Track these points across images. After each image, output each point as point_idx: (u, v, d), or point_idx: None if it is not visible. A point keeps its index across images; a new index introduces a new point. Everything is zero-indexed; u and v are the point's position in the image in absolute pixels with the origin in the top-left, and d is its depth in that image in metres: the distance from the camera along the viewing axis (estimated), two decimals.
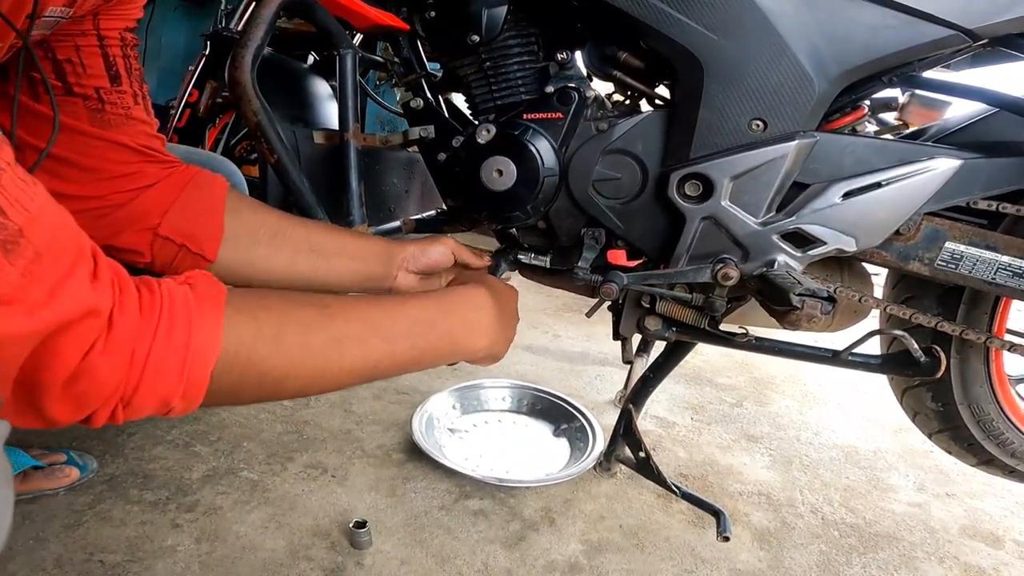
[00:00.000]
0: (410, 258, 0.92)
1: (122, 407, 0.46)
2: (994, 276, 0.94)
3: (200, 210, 0.77)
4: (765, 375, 2.11)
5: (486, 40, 0.98)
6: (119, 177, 0.73)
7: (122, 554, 1.05)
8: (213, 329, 0.49)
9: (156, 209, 0.75)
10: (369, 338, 0.62)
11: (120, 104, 0.73)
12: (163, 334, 0.46)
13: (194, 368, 0.48)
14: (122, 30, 0.72)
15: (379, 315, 0.64)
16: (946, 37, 0.81)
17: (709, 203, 0.90)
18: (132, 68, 0.73)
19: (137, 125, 0.75)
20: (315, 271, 0.85)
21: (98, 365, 0.43)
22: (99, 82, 0.71)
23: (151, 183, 0.76)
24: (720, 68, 0.86)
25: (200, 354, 0.48)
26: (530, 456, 1.47)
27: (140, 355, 0.45)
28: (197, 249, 0.77)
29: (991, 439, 1.16)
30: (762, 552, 1.23)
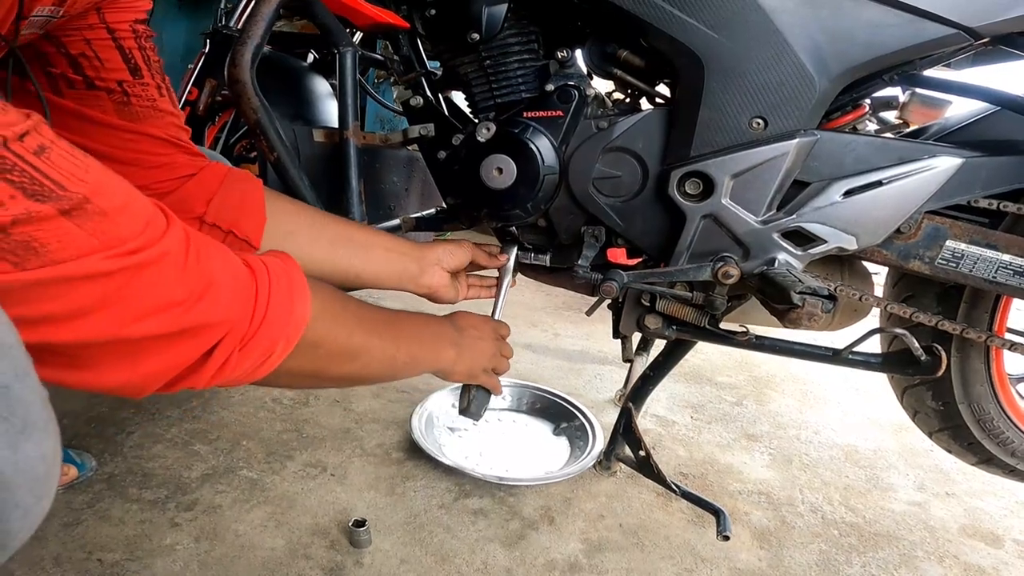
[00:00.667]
0: (443, 256, 0.97)
1: (239, 351, 0.51)
2: (995, 275, 0.94)
3: (242, 199, 0.80)
4: (765, 374, 2.11)
5: (486, 38, 0.98)
6: (156, 168, 0.75)
7: (121, 552, 1.05)
8: (305, 296, 0.57)
9: (200, 198, 0.77)
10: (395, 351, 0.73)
11: (145, 96, 0.73)
12: (276, 294, 0.53)
13: (295, 324, 0.55)
14: (132, 22, 0.72)
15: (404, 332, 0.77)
16: (947, 36, 0.81)
17: (709, 201, 0.90)
18: (151, 60, 0.74)
19: (165, 117, 0.76)
20: (353, 262, 0.88)
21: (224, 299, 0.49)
22: (120, 75, 0.71)
23: (190, 173, 0.78)
24: (721, 66, 0.86)
25: (300, 313, 0.56)
26: (530, 455, 1.47)
27: (259, 311, 0.51)
28: (243, 235, 0.79)
29: (991, 438, 1.16)
30: (762, 551, 1.23)
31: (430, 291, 0.97)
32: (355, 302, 0.69)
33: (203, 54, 1.33)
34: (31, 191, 0.38)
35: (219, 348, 0.49)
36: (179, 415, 1.44)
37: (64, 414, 1.40)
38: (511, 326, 1.03)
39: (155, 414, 1.43)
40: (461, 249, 0.99)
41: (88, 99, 0.69)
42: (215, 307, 0.48)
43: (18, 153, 0.38)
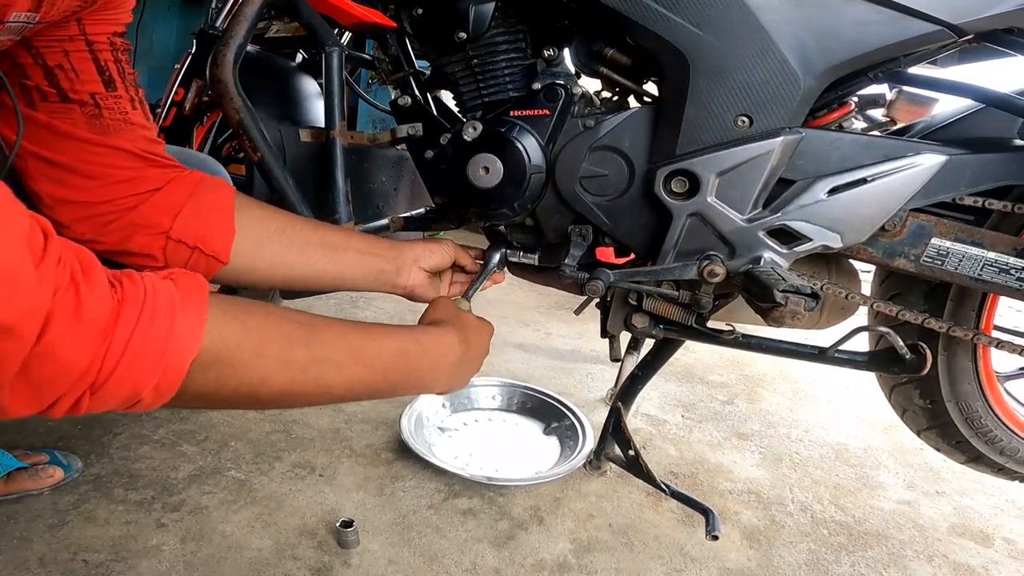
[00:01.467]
0: (421, 256, 0.94)
1: (89, 395, 0.45)
2: (980, 272, 0.94)
3: (210, 212, 0.77)
4: (756, 373, 2.11)
5: (473, 37, 0.98)
6: (122, 182, 0.73)
7: (106, 553, 1.05)
8: (196, 325, 0.49)
9: (166, 212, 0.75)
10: (349, 364, 0.63)
11: (117, 109, 0.72)
12: (146, 321, 0.46)
13: (172, 360, 0.47)
14: (110, 35, 0.71)
15: (363, 343, 0.66)
16: (932, 32, 0.81)
17: (695, 200, 0.90)
18: (125, 72, 0.73)
19: (136, 130, 0.74)
20: (327, 265, 0.86)
21: (60, 347, 0.42)
22: (94, 87, 0.70)
23: (156, 187, 0.76)
24: (706, 64, 0.85)
25: (180, 348, 0.47)
26: (520, 454, 1.47)
27: (120, 340, 0.44)
28: (210, 251, 0.77)
29: (979, 436, 1.16)
30: (751, 551, 1.23)
31: (407, 291, 0.95)
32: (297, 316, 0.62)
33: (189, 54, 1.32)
34: None
35: (62, 399, 0.44)
36: (167, 416, 1.44)
37: None
38: (503, 325, 1.03)
39: (142, 415, 1.43)
40: (442, 248, 0.97)
41: (60, 112, 0.69)
42: (66, 344, 0.42)
43: None
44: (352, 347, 0.65)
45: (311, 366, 0.59)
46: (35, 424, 1.36)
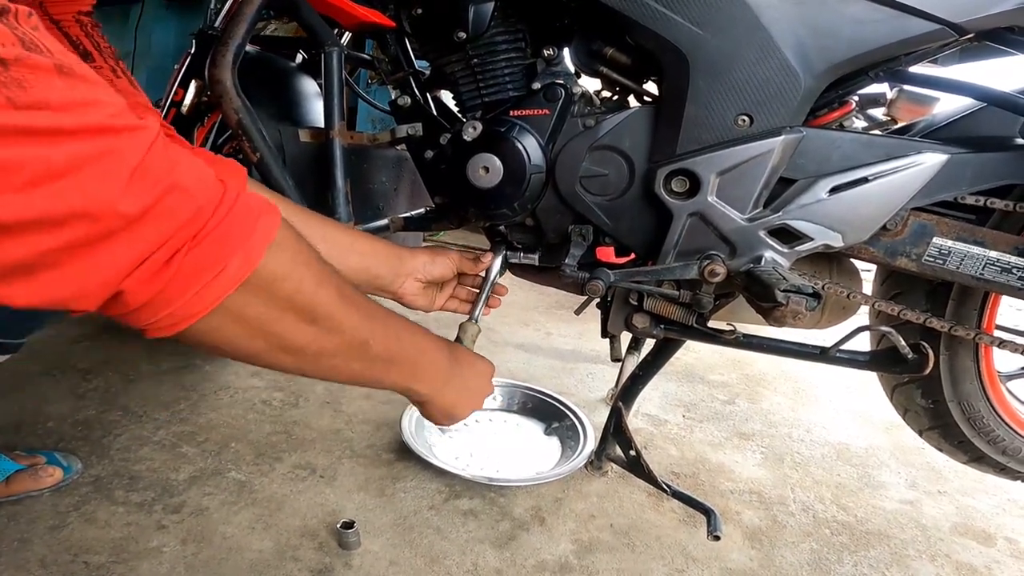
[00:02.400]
0: (420, 268, 0.95)
1: (186, 251, 0.45)
2: (982, 272, 0.94)
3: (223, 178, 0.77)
4: (757, 372, 2.11)
5: (473, 37, 0.97)
6: None
7: (107, 555, 1.04)
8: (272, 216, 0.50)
9: None
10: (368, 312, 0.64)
11: None
12: (243, 200, 0.48)
13: (255, 241, 0.48)
14: (75, 13, 0.71)
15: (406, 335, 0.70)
16: (932, 31, 0.81)
17: (696, 199, 0.90)
18: (101, 46, 0.73)
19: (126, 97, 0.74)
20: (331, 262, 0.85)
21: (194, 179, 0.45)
22: None
23: None
24: (706, 63, 0.85)
25: (263, 229, 0.49)
26: (521, 455, 1.47)
27: (228, 199, 0.46)
28: None
29: (981, 436, 1.15)
30: (753, 551, 1.22)
31: (397, 297, 0.95)
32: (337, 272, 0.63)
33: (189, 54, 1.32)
34: (28, 45, 0.37)
35: (178, 232, 0.44)
36: (167, 417, 1.44)
37: (50, 417, 1.39)
38: (504, 325, 1.03)
39: (142, 416, 1.43)
40: (444, 261, 0.97)
41: None
42: (182, 186, 0.44)
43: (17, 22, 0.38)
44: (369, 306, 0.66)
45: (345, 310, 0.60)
46: (34, 425, 1.35)
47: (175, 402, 1.50)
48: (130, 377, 1.59)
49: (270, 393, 1.59)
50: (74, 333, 1.78)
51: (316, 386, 1.65)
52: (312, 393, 1.62)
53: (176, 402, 1.50)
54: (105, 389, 1.52)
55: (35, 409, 1.40)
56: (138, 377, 1.60)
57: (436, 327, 0.85)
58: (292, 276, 0.53)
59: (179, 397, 1.52)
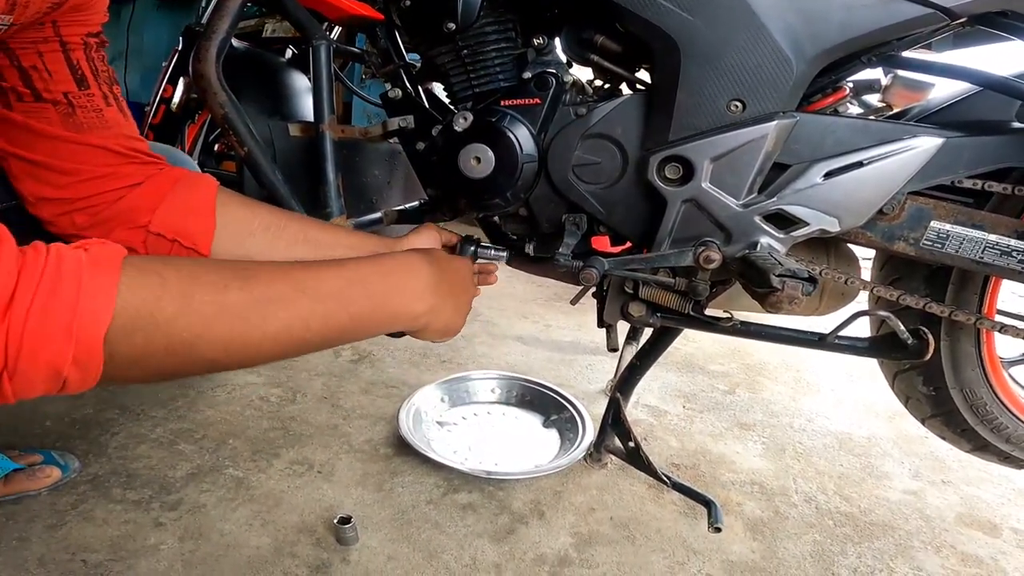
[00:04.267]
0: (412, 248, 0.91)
1: (8, 378, 0.42)
2: (982, 255, 0.93)
3: (190, 206, 0.77)
4: (757, 362, 2.10)
5: (462, 27, 0.97)
6: (99, 178, 0.73)
7: (105, 553, 1.04)
8: (106, 288, 0.45)
9: (146, 207, 0.75)
10: (296, 298, 0.58)
11: (91, 107, 0.72)
12: (44, 292, 0.43)
13: (84, 329, 0.44)
14: (84, 35, 0.72)
15: (306, 276, 0.60)
16: (923, 15, 0.79)
17: (690, 186, 0.89)
18: (99, 71, 0.73)
19: (111, 127, 0.75)
20: None
21: None
22: (67, 87, 0.70)
23: (135, 183, 0.76)
24: (697, 49, 0.84)
25: (90, 314, 0.44)
26: (520, 448, 1.46)
27: (18, 316, 0.41)
28: (190, 244, 0.77)
29: (985, 424, 1.14)
30: (755, 543, 1.21)
31: None
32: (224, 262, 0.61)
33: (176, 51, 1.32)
34: None
35: None
36: (164, 415, 1.43)
37: (47, 416, 1.39)
38: (502, 318, 1.02)
39: (140, 414, 1.43)
40: (427, 236, 0.95)
41: (35, 112, 0.69)
42: None
43: None
44: (297, 280, 0.59)
45: (252, 309, 0.54)
46: (31, 424, 1.35)
47: (172, 400, 1.49)
48: None
49: (267, 389, 1.59)
50: None
51: (314, 382, 1.65)
52: (310, 389, 1.61)
53: (173, 399, 1.50)
54: (102, 388, 1.52)
55: (32, 408, 1.40)
56: None
57: None
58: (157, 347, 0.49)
59: (176, 394, 1.52)
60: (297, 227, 0.84)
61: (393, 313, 0.68)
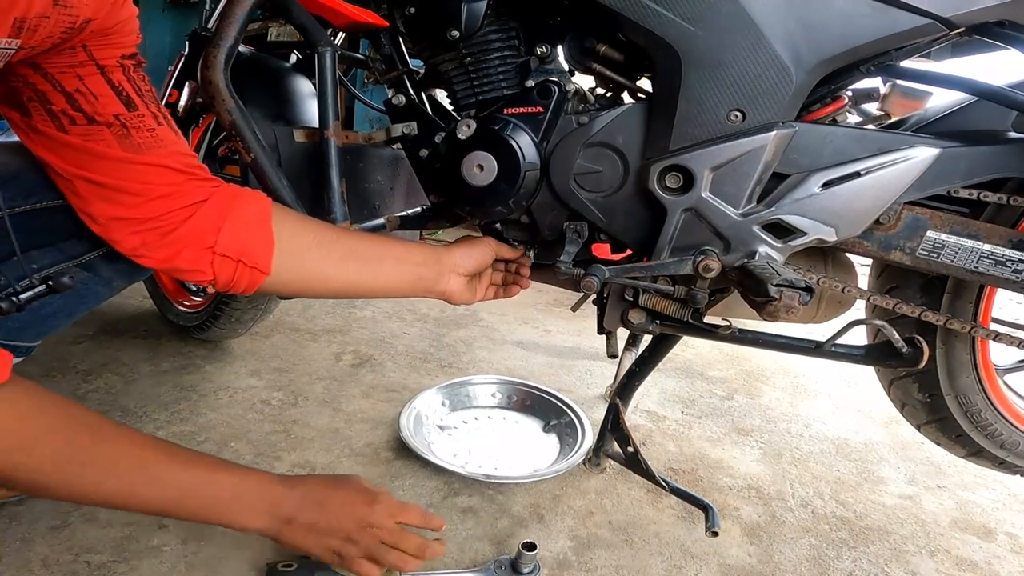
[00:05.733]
0: (460, 261, 0.98)
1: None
2: (976, 264, 0.94)
3: (250, 225, 0.81)
4: (756, 368, 2.11)
5: (466, 35, 0.98)
6: (162, 197, 0.76)
7: (108, 554, 1.05)
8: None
9: (211, 227, 0.78)
10: (132, 479, 0.76)
11: (144, 127, 0.74)
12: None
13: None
14: (119, 57, 0.73)
15: (159, 463, 0.79)
16: (922, 26, 0.81)
17: (690, 195, 0.90)
18: (143, 91, 0.75)
19: (167, 146, 0.76)
20: (363, 276, 0.91)
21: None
22: (115, 108, 0.72)
23: (198, 200, 0.78)
24: (698, 59, 0.86)
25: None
26: (519, 452, 1.47)
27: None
28: (253, 263, 0.81)
29: (979, 430, 1.15)
30: (752, 547, 1.22)
31: (444, 296, 0.99)
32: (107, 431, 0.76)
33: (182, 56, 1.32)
34: None
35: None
36: (167, 417, 1.44)
37: None
38: (502, 323, 1.03)
39: (142, 416, 1.43)
40: (481, 249, 1.00)
41: (92, 135, 0.71)
42: None
43: None
44: (143, 463, 0.76)
45: (86, 469, 0.71)
46: None
47: (175, 402, 1.50)
48: (130, 378, 1.60)
49: (269, 393, 1.60)
50: (74, 334, 1.78)
51: (315, 386, 1.66)
52: (311, 392, 1.62)
53: (176, 402, 1.50)
54: (105, 390, 1.53)
55: None
56: (138, 377, 1.60)
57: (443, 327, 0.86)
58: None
59: (179, 397, 1.53)
60: (347, 243, 0.89)
61: (226, 523, 0.85)
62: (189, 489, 0.79)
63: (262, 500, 0.86)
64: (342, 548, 0.91)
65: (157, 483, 0.77)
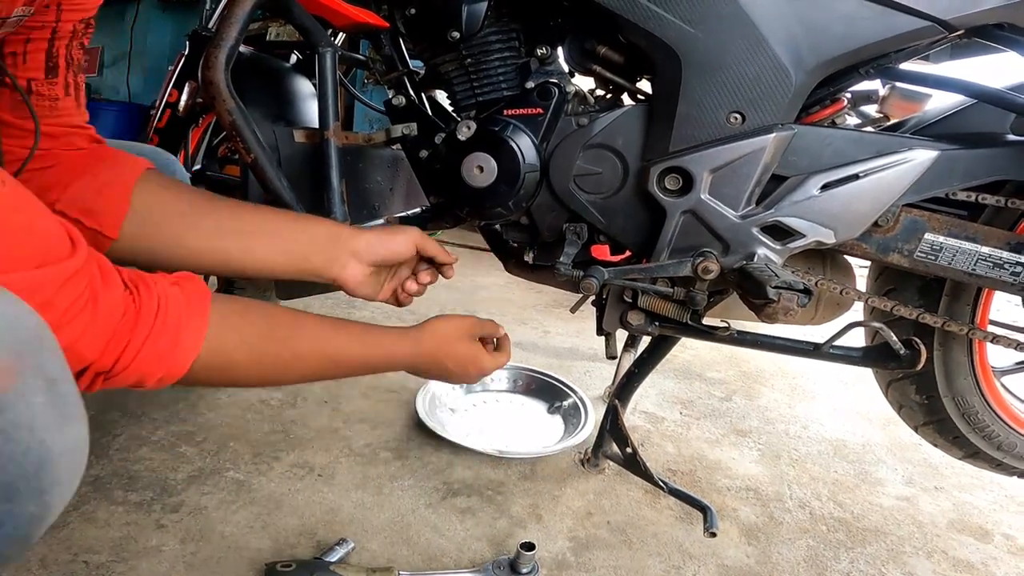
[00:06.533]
0: (364, 248, 0.86)
1: (103, 379, 0.55)
2: (974, 267, 0.95)
3: (104, 186, 0.76)
4: (754, 369, 2.11)
5: (467, 36, 0.98)
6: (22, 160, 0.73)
7: (107, 555, 1.05)
8: (198, 334, 0.59)
9: (58, 185, 0.75)
10: (321, 367, 0.75)
11: (49, 96, 0.73)
12: (157, 331, 0.56)
13: (176, 361, 0.58)
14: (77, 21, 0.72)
15: (336, 353, 0.76)
16: (921, 28, 0.81)
17: (689, 197, 0.90)
18: (73, 59, 0.75)
19: (62, 116, 0.75)
20: (235, 251, 0.81)
21: (78, 344, 0.51)
22: (34, 74, 0.71)
23: (51, 164, 0.76)
24: (697, 61, 0.86)
25: (184, 352, 0.58)
26: (526, 432, 1.57)
27: (135, 345, 0.54)
28: (93, 224, 0.75)
29: (976, 432, 1.16)
30: (750, 547, 1.23)
31: (338, 284, 0.88)
32: (273, 312, 0.71)
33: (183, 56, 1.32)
34: None
35: (83, 375, 0.54)
36: (166, 417, 1.44)
37: None
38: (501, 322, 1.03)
39: (141, 416, 1.43)
40: (397, 238, 0.89)
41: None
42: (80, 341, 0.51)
43: None
44: (326, 355, 0.75)
45: (293, 364, 0.71)
46: None
47: (173, 402, 1.50)
48: None
49: (268, 393, 1.60)
50: None
51: (314, 386, 1.66)
52: (310, 393, 1.62)
53: (175, 402, 1.50)
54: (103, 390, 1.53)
55: None
56: None
57: None
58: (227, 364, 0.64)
59: (177, 397, 1.53)
60: (227, 213, 0.81)
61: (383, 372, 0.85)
62: (359, 367, 0.80)
63: (404, 364, 0.86)
64: (459, 383, 1.04)
65: (335, 368, 0.77)
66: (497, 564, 1.07)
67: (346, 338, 0.78)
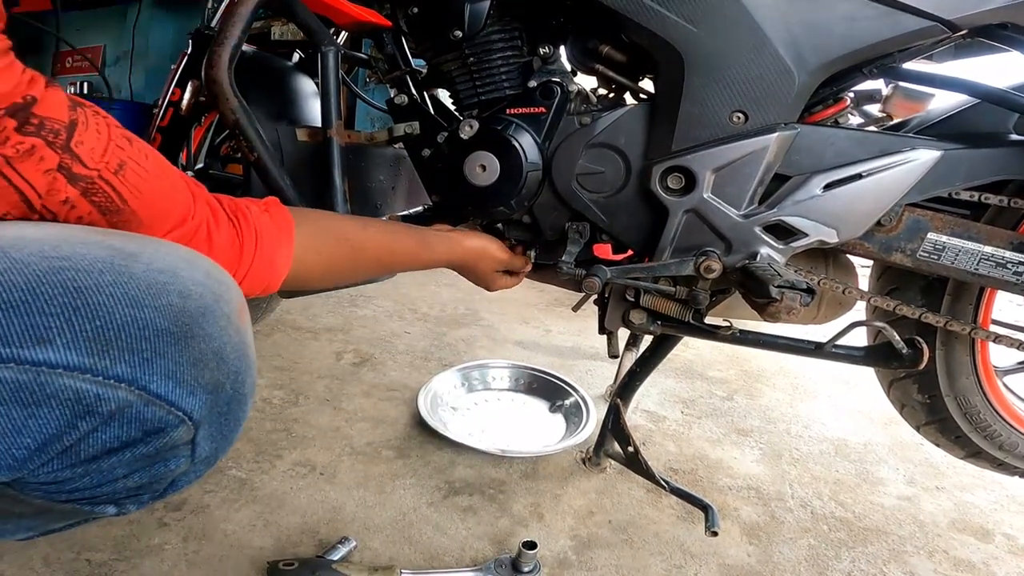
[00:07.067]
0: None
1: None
2: (977, 266, 0.95)
3: None
4: (756, 368, 2.11)
5: (469, 35, 0.98)
6: None
7: (109, 553, 1.05)
8: (287, 256, 0.70)
9: None
10: (381, 264, 0.88)
11: None
12: (259, 257, 0.67)
13: (272, 281, 0.69)
14: None
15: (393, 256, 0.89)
16: (925, 28, 0.81)
17: (691, 196, 0.90)
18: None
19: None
20: None
21: None
22: None
23: None
24: (700, 61, 0.86)
25: (277, 272, 0.69)
26: (528, 431, 1.56)
27: (242, 270, 0.65)
28: None
29: (978, 431, 1.16)
30: (751, 547, 1.23)
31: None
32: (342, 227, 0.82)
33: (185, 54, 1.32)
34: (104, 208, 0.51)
35: None
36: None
37: None
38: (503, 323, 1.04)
39: None
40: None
41: None
42: None
43: (105, 179, 0.51)
44: (389, 249, 0.88)
45: (357, 271, 0.84)
46: None
47: None
48: None
49: (270, 391, 1.60)
50: None
51: (316, 385, 1.66)
52: (312, 391, 1.62)
53: None
54: None
55: None
56: None
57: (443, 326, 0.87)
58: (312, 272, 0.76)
59: None
60: None
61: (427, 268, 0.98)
62: (409, 264, 0.92)
63: (442, 264, 0.98)
64: None
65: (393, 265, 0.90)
66: (499, 563, 1.07)
67: (405, 234, 0.91)
